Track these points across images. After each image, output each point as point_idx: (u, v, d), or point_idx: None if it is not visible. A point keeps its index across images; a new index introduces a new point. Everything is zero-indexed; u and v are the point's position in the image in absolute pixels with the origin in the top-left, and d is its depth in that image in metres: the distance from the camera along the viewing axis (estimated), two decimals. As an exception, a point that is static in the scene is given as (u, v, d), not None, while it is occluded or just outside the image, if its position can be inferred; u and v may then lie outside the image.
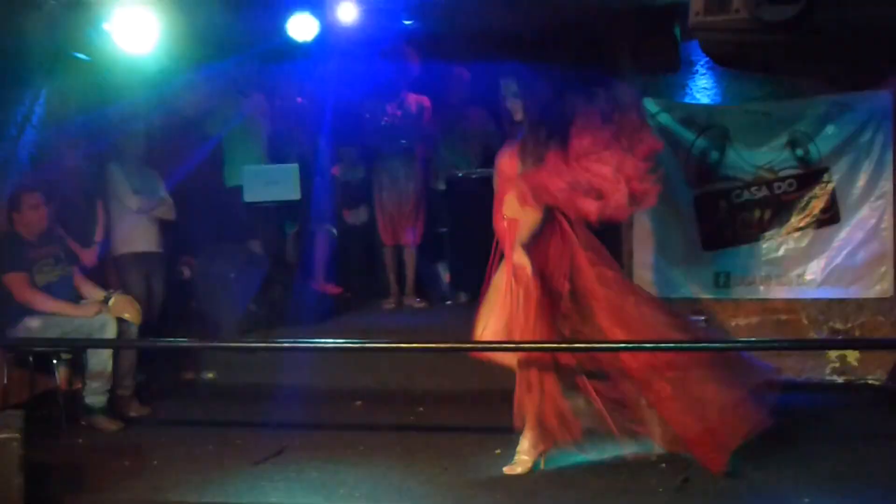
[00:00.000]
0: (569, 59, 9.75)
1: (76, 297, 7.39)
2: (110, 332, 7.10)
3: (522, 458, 6.11)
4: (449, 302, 9.92)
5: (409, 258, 9.72)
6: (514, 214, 6.09)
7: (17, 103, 7.68)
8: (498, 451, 6.32)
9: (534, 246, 6.08)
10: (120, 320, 7.22)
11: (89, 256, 7.87)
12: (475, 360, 6.42)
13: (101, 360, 7.14)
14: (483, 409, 7.14)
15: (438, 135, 9.65)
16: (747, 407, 5.97)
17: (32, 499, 4.94)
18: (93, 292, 7.48)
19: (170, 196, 8.48)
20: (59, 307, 7.15)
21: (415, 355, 7.69)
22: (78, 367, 7.40)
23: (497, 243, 6.22)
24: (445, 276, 10.24)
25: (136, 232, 8.30)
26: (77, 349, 7.24)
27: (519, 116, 6.22)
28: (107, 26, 7.65)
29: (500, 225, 6.18)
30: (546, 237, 6.12)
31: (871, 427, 7.00)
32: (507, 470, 6.08)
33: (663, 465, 6.00)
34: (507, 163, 6.16)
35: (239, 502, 5.67)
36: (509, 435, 6.16)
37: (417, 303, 9.70)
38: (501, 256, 6.20)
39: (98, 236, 8.01)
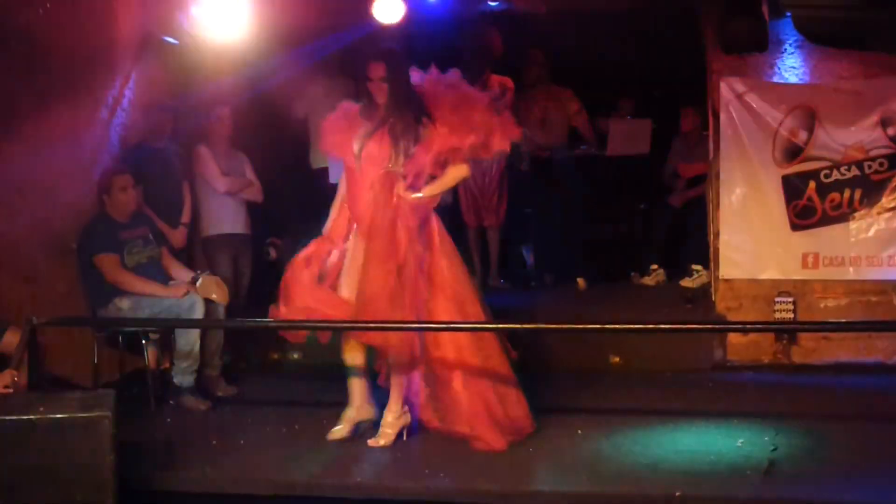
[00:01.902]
0: (659, 38, 9.77)
1: (165, 278, 7.48)
2: (198, 313, 7.17)
3: (386, 431, 6.26)
4: (534, 284, 9.92)
5: (493, 239, 9.72)
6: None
7: (108, 87, 7.80)
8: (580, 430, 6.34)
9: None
10: (207, 301, 7.29)
11: (177, 238, 8.00)
12: None
13: (189, 340, 7.22)
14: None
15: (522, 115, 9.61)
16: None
17: (123, 477, 5.00)
18: (181, 273, 7.58)
19: (257, 178, 8.56)
20: (149, 288, 7.24)
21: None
22: (167, 348, 7.53)
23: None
24: (530, 257, 10.25)
25: (223, 213, 8.43)
26: (166, 329, 7.37)
27: (382, 99, 6.26)
28: (196, 10, 7.75)
29: (359, 208, 6.28)
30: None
31: None
32: (371, 442, 6.22)
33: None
34: (377, 147, 6.22)
35: (324, 481, 5.73)
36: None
37: (502, 284, 9.69)
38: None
39: (185, 218, 8.13)
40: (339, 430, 6.36)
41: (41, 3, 6.90)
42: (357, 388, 6.42)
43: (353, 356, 6.39)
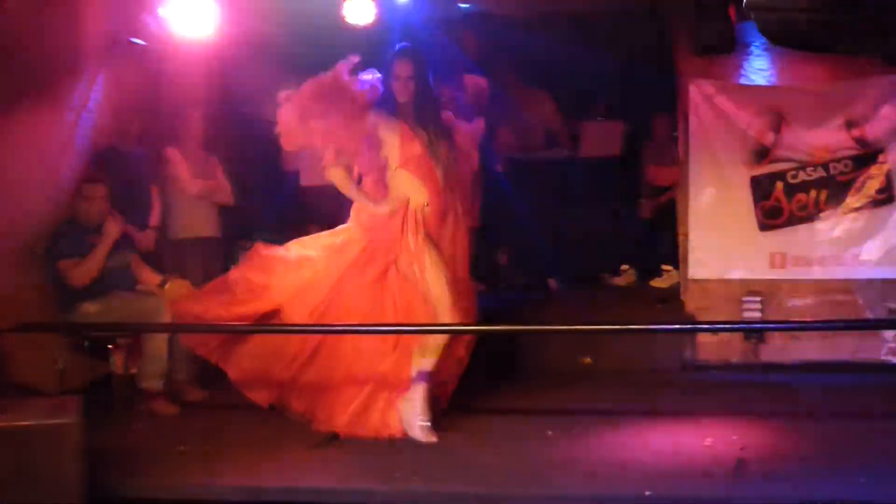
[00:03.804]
0: (628, 41, 9.80)
1: (134, 282, 7.44)
2: (166, 317, 7.09)
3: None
4: (505, 285, 9.91)
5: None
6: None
7: (73, 89, 7.71)
8: (550, 431, 6.36)
9: None
10: (176, 305, 7.24)
11: (145, 241, 7.91)
12: None
13: (156, 344, 7.18)
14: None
15: (497, 117, 9.60)
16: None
17: (89, 484, 4.96)
18: (150, 277, 7.52)
19: (227, 181, 8.53)
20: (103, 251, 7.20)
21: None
22: (134, 352, 7.42)
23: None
24: (503, 258, 10.24)
25: (193, 216, 8.35)
26: (133, 334, 7.29)
27: (404, 98, 6.37)
28: (163, 11, 7.71)
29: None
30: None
31: None
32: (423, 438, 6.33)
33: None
34: (410, 144, 6.38)
35: (295, 486, 5.68)
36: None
37: (476, 286, 9.64)
38: None
39: (154, 220, 8.06)
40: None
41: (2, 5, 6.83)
42: None
43: None
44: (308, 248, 6.76)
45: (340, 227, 6.75)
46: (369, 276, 6.45)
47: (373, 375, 6.44)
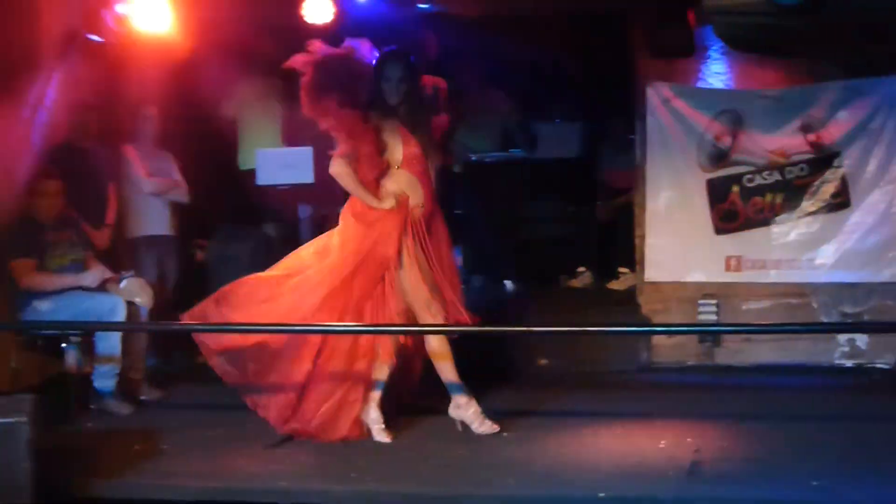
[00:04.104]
0: (585, 43, 9.84)
1: (89, 280, 7.35)
2: (120, 315, 7.07)
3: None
4: (462, 287, 9.87)
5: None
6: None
7: (30, 86, 7.65)
8: (505, 433, 6.41)
9: None
10: (131, 303, 7.20)
11: (101, 239, 7.88)
12: None
13: (111, 343, 7.11)
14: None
15: (454, 118, 9.58)
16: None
17: (41, 484, 4.91)
18: (105, 275, 7.41)
19: (183, 179, 8.48)
20: (64, 280, 7.15)
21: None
22: (88, 351, 7.30)
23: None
24: (459, 260, 10.22)
25: (149, 214, 8.35)
26: (87, 332, 7.12)
27: (395, 100, 6.39)
28: (121, 7, 7.65)
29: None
30: None
31: (880, 410, 6.95)
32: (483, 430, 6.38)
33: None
34: (409, 145, 6.43)
35: (250, 487, 5.64)
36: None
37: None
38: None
39: (109, 219, 8.02)
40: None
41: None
42: None
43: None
44: (298, 259, 6.69)
45: (330, 231, 6.70)
46: (370, 273, 6.41)
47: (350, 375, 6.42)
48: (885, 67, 8.19)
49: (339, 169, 6.36)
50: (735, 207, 8.45)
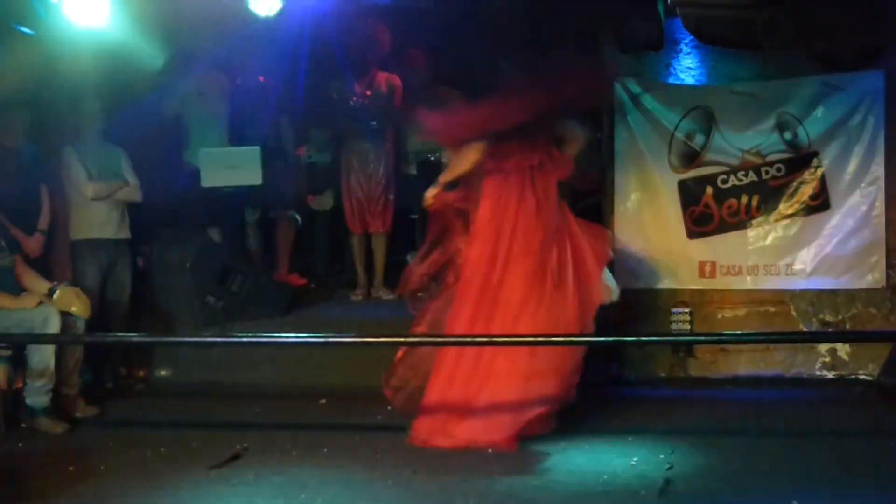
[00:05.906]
0: (551, 37, 9.57)
1: (17, 289, 7.07)
2: (53, 327, 6.81)
3: None
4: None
5: (379, 247, 9.37)
6: None
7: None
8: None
9: None
10: (65, 314, 6.91)
11: (33, 245, 7.64)
12: None
13: (43, 356, 6.85)
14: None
15: (410, 116, 9.29)
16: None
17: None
18: (36, 284, 7.15)
19: (135, 176, 8.18)
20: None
21: (383, 350, 7.38)
22: (19, 366, 7.04)
23: None
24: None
25: (92, 216, 8.06)
26: (17, 345, 6.90)
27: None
28: (53, -3, 7.39)
29: None
30: None
31: (862, 424, 6.93)
32: None
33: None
34: None
35: (191, 508, 5.48)
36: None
37: (387, 294, 9.33)
38: None
39: (42, 224, 7.78)
40: None
41: None
42: None
43: None
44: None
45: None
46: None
47: None
48: (863, 62, 8.08)
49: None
50: (709, 210, 8.37)
